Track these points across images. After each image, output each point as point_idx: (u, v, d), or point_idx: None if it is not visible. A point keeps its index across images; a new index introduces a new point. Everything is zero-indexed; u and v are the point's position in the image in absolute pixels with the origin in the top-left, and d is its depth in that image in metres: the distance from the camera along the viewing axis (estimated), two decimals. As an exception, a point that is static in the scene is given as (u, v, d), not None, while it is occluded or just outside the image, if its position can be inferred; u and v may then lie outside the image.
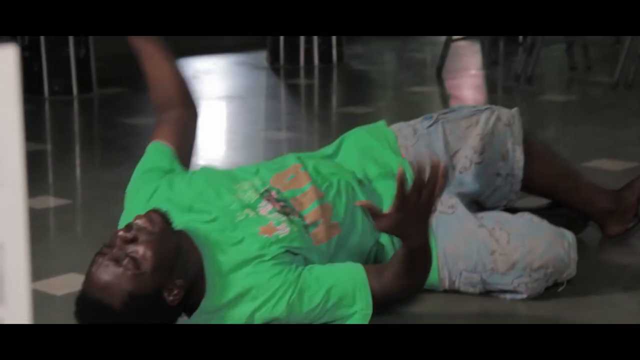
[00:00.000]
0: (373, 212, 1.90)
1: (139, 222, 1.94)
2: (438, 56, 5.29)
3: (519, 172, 2.38)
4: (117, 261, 1.87)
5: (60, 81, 4.74)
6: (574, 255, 2.23)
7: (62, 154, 3.83)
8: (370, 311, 2.01)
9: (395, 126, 2.43)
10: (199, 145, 4.02)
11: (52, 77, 4.73)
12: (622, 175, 3.13)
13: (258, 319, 1.98)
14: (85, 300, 1.90)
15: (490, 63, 5.58)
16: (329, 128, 4.38)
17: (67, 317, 1.94)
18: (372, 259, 2.23)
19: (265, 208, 2.11)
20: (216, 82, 5.34)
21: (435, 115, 2.41)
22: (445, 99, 4.92)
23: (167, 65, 2.38)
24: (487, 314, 2.18)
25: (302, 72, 5.46)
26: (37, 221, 2.87)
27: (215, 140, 4.10)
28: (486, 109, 2.40)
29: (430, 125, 2.38)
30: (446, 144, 2.35)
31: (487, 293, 2.23)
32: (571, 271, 2.23)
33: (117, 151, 3.78)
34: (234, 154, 3.88)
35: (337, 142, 2.42)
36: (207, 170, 2.26)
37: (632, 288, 2.33)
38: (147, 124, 4.28)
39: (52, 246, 2.74)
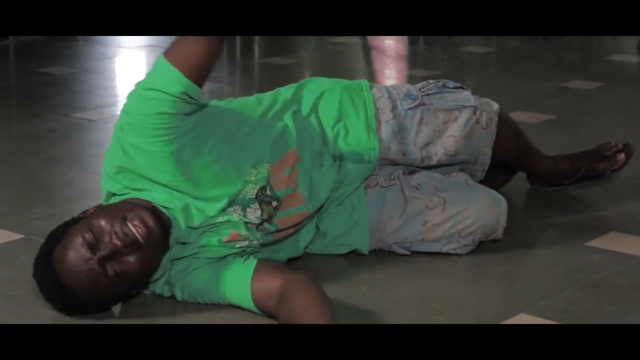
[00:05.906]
0: None
1: (137, 231, 1.84)
2: (360, 7, 5.27)
3: (482, 174, 2.40)
4: (104, 268, 1.86)
5: (-26, 29, 4.61)
6: (503, 222, 2.27)
7: (-23, 104, 3.74)
8: None
9: (377, 92, 2.30)
10: (119, 97, 3.95)
11: (-34, 24, 4.60)
12: (539, 127, 3.19)
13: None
14: (56, 284, 1.89)
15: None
16: (251, 79, 4.35)
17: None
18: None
19: (253, 212, 2.05)
20: (136, 31, 5.25)
21: (419, 97, 2.31)
22: (367, 50, 4.92)
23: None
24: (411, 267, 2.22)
25: (223, 22, 5.41)
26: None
27: (135, 91, 4.03)
28: (469, 106, 2.32)
29: (410, 108, 2.29)
30: (417, 133, 2.28)
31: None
32: (498, 235, 2.28)
33: (34, 102, 3.70)
34: (154, 104, 3.83)
35: (313, 98, 2.26)
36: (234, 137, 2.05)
37: (547, 239, 2.39)
38: (65, 73, 4.19)
39: (-32, 199, 2.69)
